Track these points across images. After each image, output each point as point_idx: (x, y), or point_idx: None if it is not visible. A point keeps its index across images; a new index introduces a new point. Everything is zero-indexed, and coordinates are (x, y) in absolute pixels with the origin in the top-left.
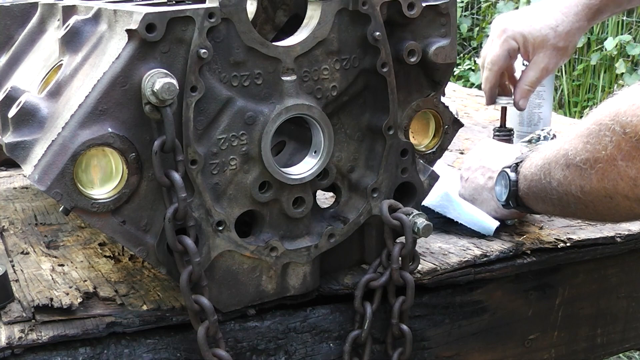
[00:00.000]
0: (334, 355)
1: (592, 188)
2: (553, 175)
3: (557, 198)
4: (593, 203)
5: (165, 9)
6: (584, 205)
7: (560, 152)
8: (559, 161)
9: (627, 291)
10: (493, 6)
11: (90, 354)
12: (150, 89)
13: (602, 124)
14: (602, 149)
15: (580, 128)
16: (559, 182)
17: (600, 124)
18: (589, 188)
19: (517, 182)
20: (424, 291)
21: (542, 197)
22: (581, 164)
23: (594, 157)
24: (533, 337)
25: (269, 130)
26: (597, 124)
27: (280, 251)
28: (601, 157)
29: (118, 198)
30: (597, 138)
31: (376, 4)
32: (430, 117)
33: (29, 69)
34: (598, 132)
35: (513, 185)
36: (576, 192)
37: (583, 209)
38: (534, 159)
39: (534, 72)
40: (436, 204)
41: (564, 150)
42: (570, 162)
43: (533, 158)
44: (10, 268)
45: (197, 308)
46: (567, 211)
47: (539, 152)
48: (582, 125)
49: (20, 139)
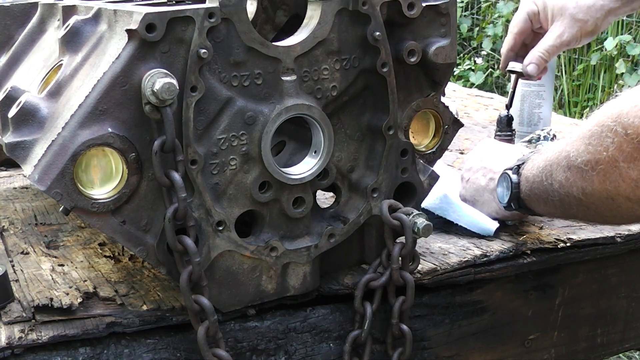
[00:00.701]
0: (334, 355)
1: (593, 190)
2: (554, 177)
3: (559, 200)
4: (595, 205)
5: (165, 9)
6: (586, 207)
7: (562, 154)
8: (561, 163)
9: (627, 291)
10: (493, 6)
11: (90, 354)
12: (150, 89)
13: (604, 125)
14: (604, 150)
15: (582, 130)
16: (561, 184)
17: (602, 125)
18: (590, 190)
19: (518, 184)
20: (424, 291)
21: (543, 199)
22: (582, 166)
23: (595, 158)
24: (533, 337)
25: (269, 130)
26: (599, 125)
27: (280, 251)
28: (602, 158)
29: (118, 198)
30: (598, 139)
31: (376, 4)
32: (430, 117)
33: (29, 69)
34: (600, 133)
35: (515, 187)
36: (577, 194)
37: (585, 211)
38: (536, 161)
39: (548, 39)
40: (435, 206)
41: (565, 152)
42: (572, 164)
43: (535, 160)
44: (10, 268)
45: (197, 308)
46: (568, 213)
47: (541, 154)
48: (584, 126)
49: (20, 139)
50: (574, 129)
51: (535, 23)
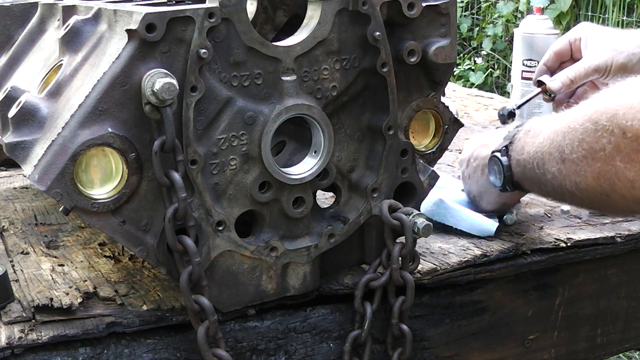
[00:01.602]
0: (334, 355)
1: (587, 185)
2: (547, 167)
3: (552, 190)
4: (589, 199)
5: (165, 9)
6: (580, 199)
7: (554, 145)
8: (553, 154)
9: (627, 291)
10: (493, 6)
11: (90, 354)
12: (150, 89)
13: (598, 123)
14: (600, 149)
15: (572, 122)
16: (554, 175)
17: (596, 123)
18: (584, 185)
19: (510, 167)
20: (424, 291)
21: (537, 185)
22: (577, 161)
23: (591, 156)
24: (533, 337)
25: (269, 130)
26: (592, 122)
27: (280, 251)
28: (598, 157)
29: (118, 198)
30: (594, 137)
31: (376, 4)
32: (430, 117)
33: (29, 69)
34: (595, 131)
35: (507, 170)
36: (571, 188)
37: (579, 202)
38: (526, 144)
39: (579, 63)
40: (432, 212)
41: (557, 143)
42: (566, 158)
43: (524, 141)
44: (10, 268)
45: (197, 308)
46: (562, 201)
47: (529, 136)
48: (574, 118)
49: (20, 139)
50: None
51: (575, 48)
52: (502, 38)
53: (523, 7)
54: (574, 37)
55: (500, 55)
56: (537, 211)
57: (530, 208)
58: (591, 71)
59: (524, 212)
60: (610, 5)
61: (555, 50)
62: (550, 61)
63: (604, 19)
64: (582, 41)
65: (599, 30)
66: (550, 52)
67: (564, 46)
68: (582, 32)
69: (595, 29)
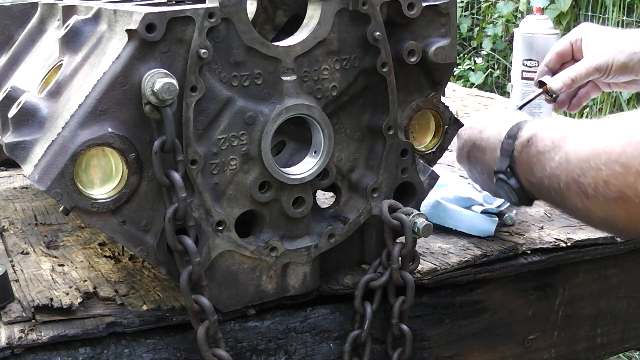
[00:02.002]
0: (334, 355)
1: (619, 222)
2: (570, 201)
3: (574, 217)
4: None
5: (165, 9)
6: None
7: (571, 178)
8: (571, 187)
9: (627, 291)
10: (493, 6)
11: (90, 354)
12: (150, 89)
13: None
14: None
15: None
16: (578, 209)
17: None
18: (614, 221)
19: (522, 188)
20: (424, 291)
21: (556, 206)
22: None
23: (622, 199)
24: (533, 337)
25: (269, 130)
26: (621, 166)
27: (280, 251)
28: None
29: (118, 198)
30: (623, 179)
31: (376, 4)
32: (430, 117)
33: (29, 69)
34: (625, 175)
35: (520, 191)
36: (597, 220)
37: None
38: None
39: (579, 63)
40: (430, 215)
41: (574, 179)
42: (591, 195)
43: (529, 160)
44: (10, 268)
45: (197, 308)
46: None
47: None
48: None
49: (20, 139)
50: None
51: (576, 48)
52: (502, 38)
53: (523, 7)
54: (574, 38)
55: (500, 55)
56: (537, 211)
57: (530, 208)
58: (592, 70)
59: (524, 212)
60: (610, 5)
61: (557, 51)
62: (551, 62)
63: (604, 19)
64: (583, 41)
65: (599, 30)
66: (552, 53)
67: (565, 47)
68: (582, 33)
69: (596, 29)
